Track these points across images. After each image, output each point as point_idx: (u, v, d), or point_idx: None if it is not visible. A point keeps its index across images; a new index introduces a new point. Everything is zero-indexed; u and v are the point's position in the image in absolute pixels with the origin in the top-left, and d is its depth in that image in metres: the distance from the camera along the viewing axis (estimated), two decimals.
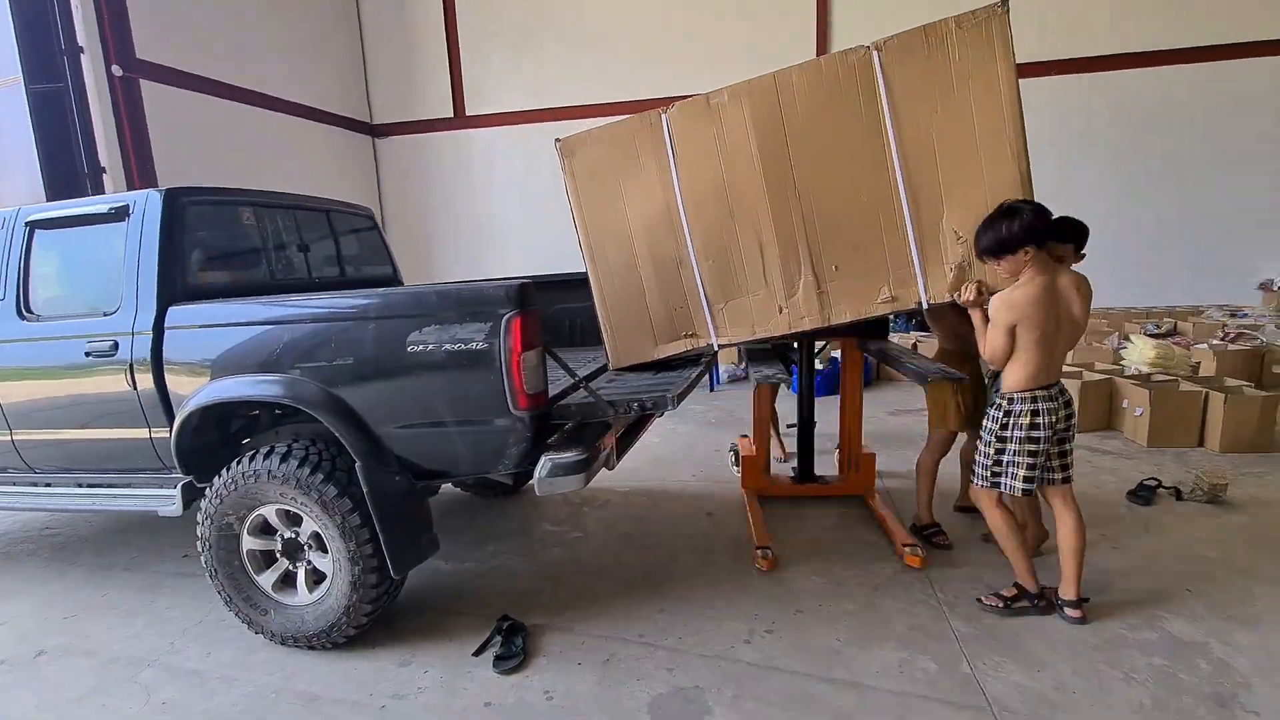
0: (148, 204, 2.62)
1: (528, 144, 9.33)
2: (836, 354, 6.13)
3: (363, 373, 2.30)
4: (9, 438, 2.81)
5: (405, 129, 9.91)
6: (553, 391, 2.42)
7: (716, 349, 2.90)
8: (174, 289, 2.59)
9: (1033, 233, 2.31)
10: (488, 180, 9.76)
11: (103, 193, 6.33)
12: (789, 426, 4.57)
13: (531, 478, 2.24)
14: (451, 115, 9.67)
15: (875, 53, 2.50)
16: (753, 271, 2.75)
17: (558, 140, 2.86)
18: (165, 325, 2.53)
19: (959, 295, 2.57)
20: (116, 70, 6.39)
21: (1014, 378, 2.46)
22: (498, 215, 9.80)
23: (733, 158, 2.68)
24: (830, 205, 2.62)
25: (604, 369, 3.01)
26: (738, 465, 4.05)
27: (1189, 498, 3.58)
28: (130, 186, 6.53)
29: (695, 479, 4.27)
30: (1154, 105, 7.91)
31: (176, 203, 2.66)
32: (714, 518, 3.63)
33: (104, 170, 6.40)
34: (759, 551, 3.02)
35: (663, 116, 2.72)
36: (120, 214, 2.65)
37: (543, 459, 2.24)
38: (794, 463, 3.97)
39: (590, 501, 3.90)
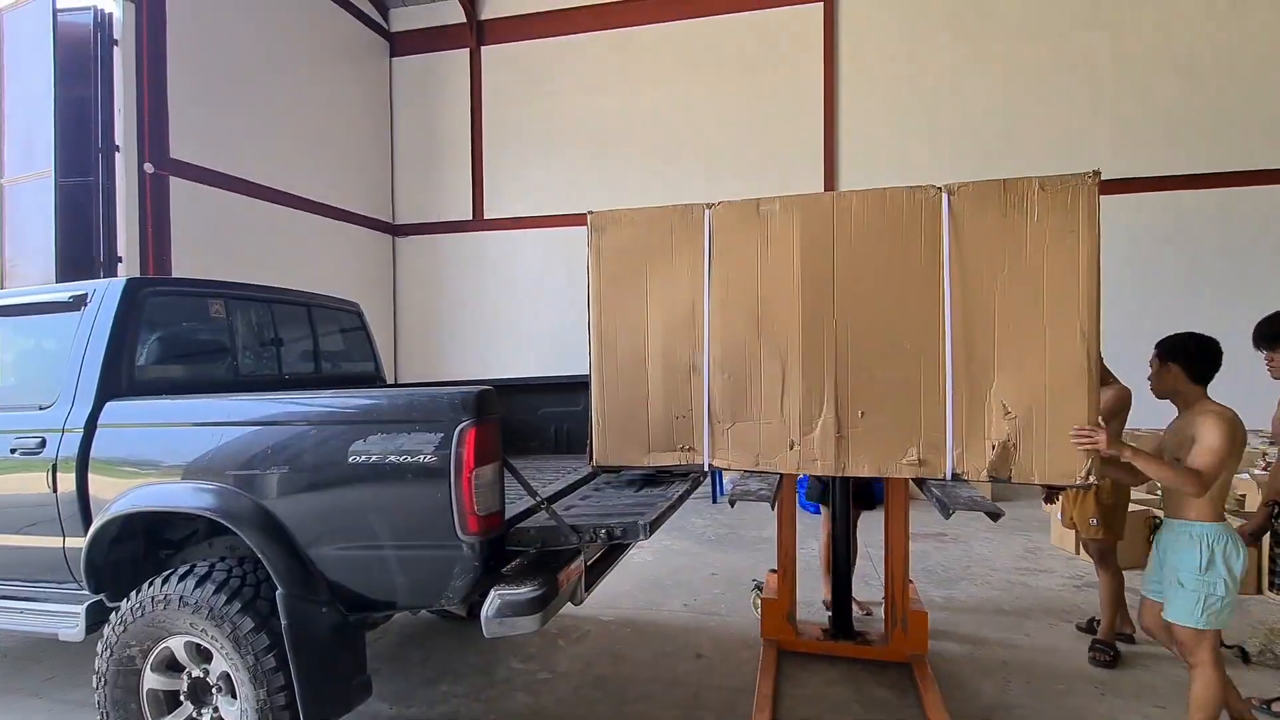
0: (106, 292, 2.48)
1: (542, 247, 9.55)
2: None
3: (298, 484, 2.03)
4: None
5: (426, 229, 10.22)
6: (515, 510, 2.13)
7: (708, 470, 2.62)
8: (118, 383, 2.40)
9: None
10: (502, 281, 9.90)
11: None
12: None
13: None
14: (470, 217, 9.97)
15: (946, 195, 2.36)
16: (769, 397, 2.53)
17: (590, 213, 2.73)
18: (98, 422, 2.31)
19: (1095, 470, 2.26)
20: (148, 168, 6.66)
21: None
22: (511, 315, 9.86)
23: (772, 271, 2.51)
24: (868, 345, 2.42)
25: (582, 481, 2.72)
26: (759, 605, 3.44)
27: (1259, 660, 3.07)
28: (144, 275, 6.62)
29: (687, 609, 3.82)
30: (1173, 226, 7.88)
31: (137, 293, 2.52)
32: (704, 661, 3.17)
33: (120, 259, 6.52)
34: None
35: (706, 212, 2.59)
36: (78, 302, 2.51)
37: (491, 594, 1.91)
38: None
39: (568, 632, 3.46)
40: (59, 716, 2.74)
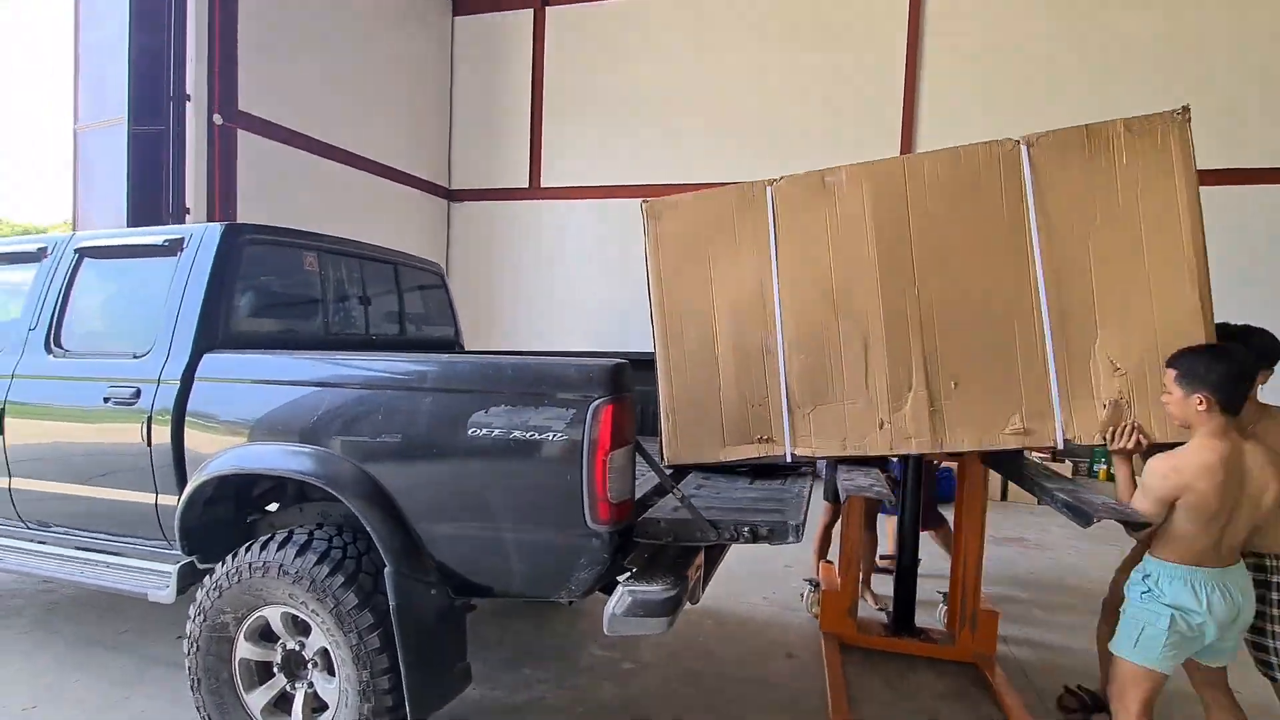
0: (204, 238, 2.35)
1: (599, 218, 9.29)
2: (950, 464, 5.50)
3: (410, 454, 1.88)
4: (6, 484, 2.46)
5: (481, 195, 10.06)
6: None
7: (790, 460, 2.43)
8: (214, 334, 2.27)
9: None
10: (556, 252, 9.70)
11: None
12: (883, 559, 3.90)
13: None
14: (527, 185, 9.77)
15: (1025, 147, 2.21)
16: (852, 375, 2.37)
17: (644, 202, 2.56)
18: (196, 375, 2.18)
19: (1111, 439, 2.12)
20: (218, 119, 6.59)
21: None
22: (563, 287, 9.68)
23: (844, 244, 2.37)
24: (955, 311, 2.28)
25: (679, 472, 2.52)
26: (816, 603, 3.35)
27: None
28: None
29: (767, 603, 3.63)
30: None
31: (236, 239, 2.38)
32: (796, 661, 2.98)
33: (188, 210, 6.49)
34: None
35: (768, 189, 2.44)
36: (174, 247, 2.38)
37: (620, 590, 1.73)
38: (887, 605, 3.31)
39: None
40: (136, 672, 2.69)
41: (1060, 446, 2.24)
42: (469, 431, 1.79)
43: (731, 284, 2.48)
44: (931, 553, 3.68)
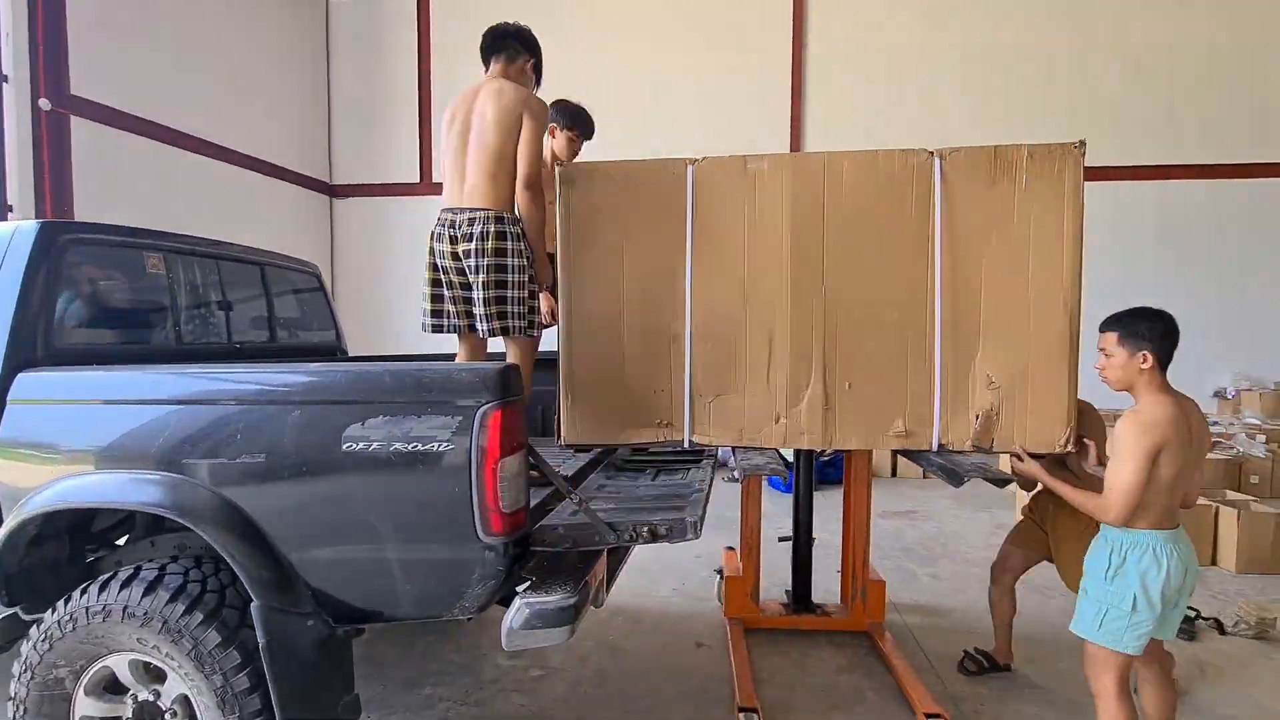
0: (13, 239, 2.02)
1: None
2: None
3: (276, 476, 1.70)
4: None
5: (366, 191, 9.49)
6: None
7: (688, 447, 2.46)
8: (33, 349, 1.96)
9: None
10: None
11: None
12: (780, 539, 4.04)
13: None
14: (418, 180, 9.32)
15: (938, 159, 2.29)
16: (755, 368, 2.40)
17: (560, 164, 2.50)
18: (8, 397, 1.87)
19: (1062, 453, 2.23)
20: (44, 104, 5.78)
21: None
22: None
23: (760, 234, 2.37)
24: (856, 314, 2.34)
25: (587, 469, 2.48)
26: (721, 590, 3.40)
27: (1233, 632, 3.20)
28: None
29: (678, 594, 3.66)
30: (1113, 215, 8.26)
31: (54, 239, 2.06)
32: (706, 650, 3.02)
33: (10, 209, 5.66)
34: (741, 716, 2.39)
35: (689, 168, 2.40)
36: None
37: (516, 602, 1.66)
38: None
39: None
40: None
41: (934, 450, 2.35)
42: (344, 446, 1.65)
43: (643, 264, 2.42)
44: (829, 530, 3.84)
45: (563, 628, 1.66)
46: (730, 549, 3.63)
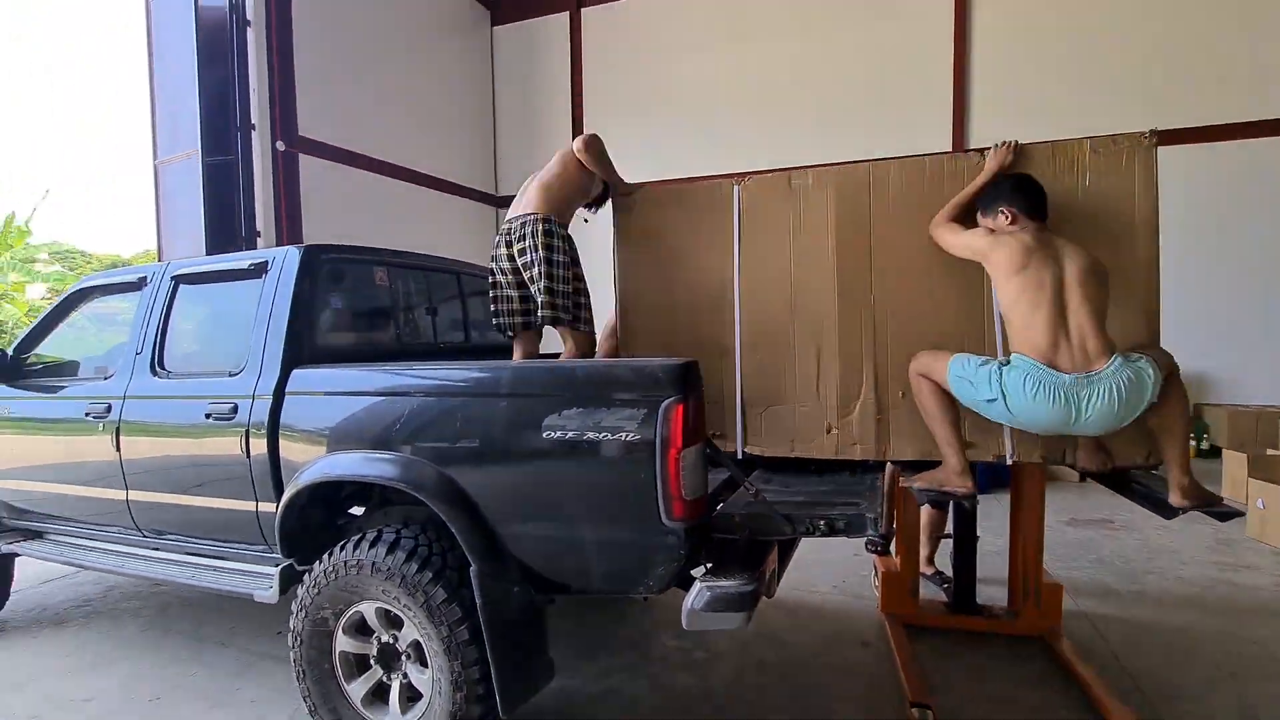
0: (285, 260, 2.50)
1: None
2: None
3: (489, 458, 1.96)
4: (124, 496, 2.69)
5: None
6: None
7: (740, 457, 2.50)
8: (300, 350, 2.41)
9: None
10: (601, 252, 9.80)
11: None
12: (942, 536, 3.81)
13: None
14: None
15: (982, 156, 2.26)
16: (804, 379, 2.45)
17: (614, 191, 2.71)
18: (286, 389, 2.33)
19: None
20: (280, 145, 6.95)
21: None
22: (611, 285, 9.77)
23: (805, 248, 2.45)
24: (908, 322, 2.34)
25: (750, 468, 2.54)
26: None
27: None
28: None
29: (837, 592, 3.60)
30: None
31: (314, 260, 2.53)
32: (872, 649, 2.95)
33: (258, 234, 6.87)
34: (915, 711, 2.31)
35: (735, 188, 2.53)
36: (259, 270, 2.54)
37: (697, 585, 1.77)
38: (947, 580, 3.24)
39: None
40: (245, 665, 2.89)
41: (1009, 462, 2.28)
42: (544, 434, 1.86)
43: (693, 282, 2.57)
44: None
45: (741, 612, 1.74)
46: (872, 544, 3.54)
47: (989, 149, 2.27)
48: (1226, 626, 3.06)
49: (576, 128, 9.80)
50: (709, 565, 1.85)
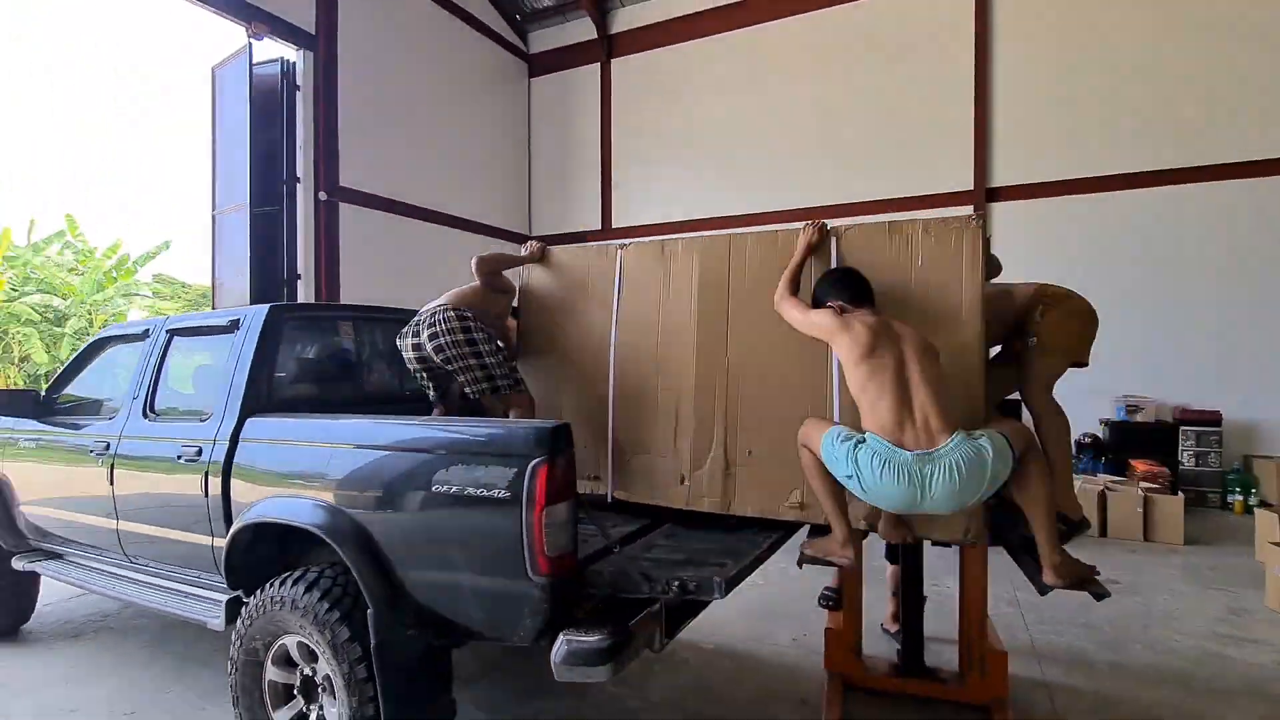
0: (253, 318, 2.79)
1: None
2: None
3: (391, 507, 2.14)
4: (115, 525, 3.01)
5: (558, 240, 10.64)
6: (590, 550, 2.08)
7: (609, 501, 2.70)
8: (258, 399, 2.68)
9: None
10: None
11: (295, 297, 7.35)
12: (821, 597, 3.71)
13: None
14: (599, 227, 10.23)
15: (834, 238, 2.41)
16: (664, 432, 2.64)
17: (526, 248, 3.03)
18: (241, 436, 2.59)
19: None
20: (322, 195, 7.57)
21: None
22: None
23: (671, 310, 2.66)
24: (757, 386, 2.50)
25: (659, 523, 2.60)
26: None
27: None
28: (318, 290, 7.52)
29: (795, 645, 3.56)
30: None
31: (278, 318, 2.81)
32: (808, 708, 2.92)
33: (299, 276, 7.47)
34: None
35: (619, 253, 2.80)
36: (233, 326, 2.84)
37: (560, 638, 1.87)
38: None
39: (666, 657, 3.36)
40: (218, 688, 3.12)
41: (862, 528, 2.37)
42: (433, 488, 2.02)
43: (582, 335, 2.83)
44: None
45: (602, 666, 1.82)
46: (824, 599, 3.52)
47: (831, 231, 2.41)
48: (1197, 708, 2.86)
49: (605, 170, 10.19)
50: (581, 619, 1.94)
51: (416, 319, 2.82)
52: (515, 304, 3.08)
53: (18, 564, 3.48)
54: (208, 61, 7.66)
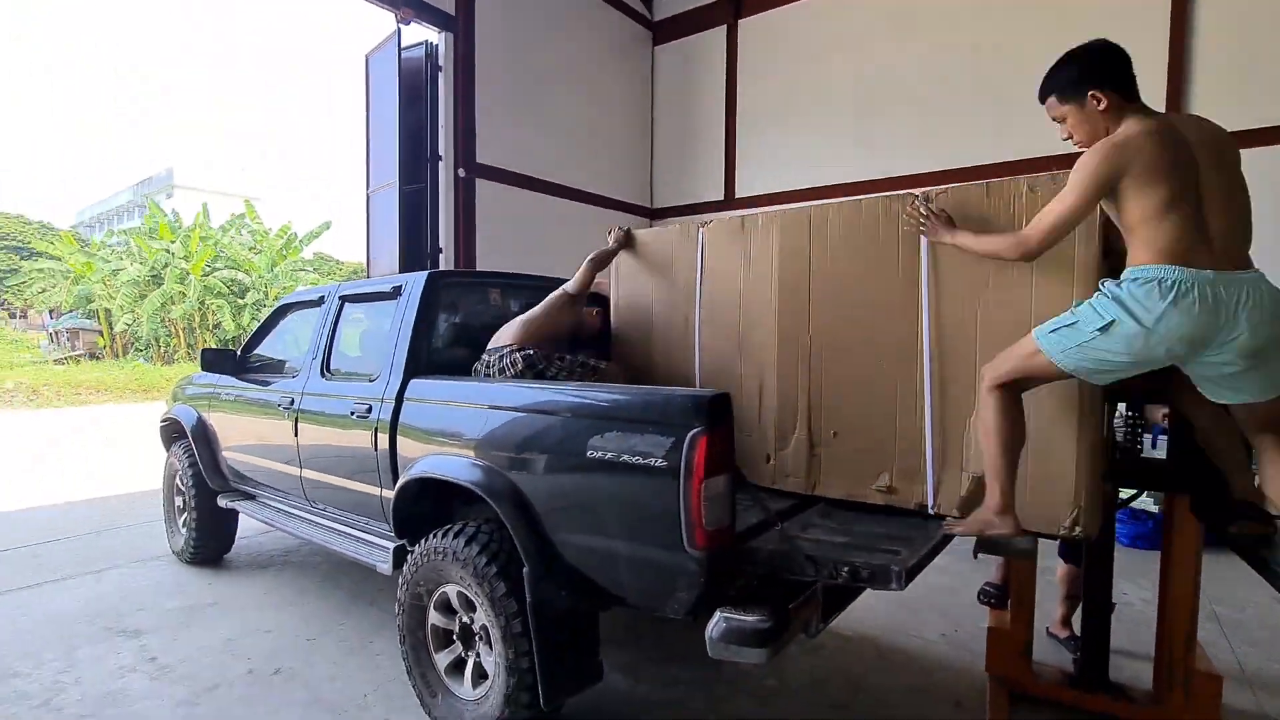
0: (414, 284, 2.94)
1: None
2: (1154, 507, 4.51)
3: (546, 470, 2.17)
4: (299, 473, 3.34)
5: (680, 211, 10.53)
6: (748, 524, 2.00)
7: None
8: (419, 362, 2.83)
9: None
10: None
11: (438, 267, 7.83)
12: (982, 593, 3.31)
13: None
14: (722, 198, 9.98)
15: (924, 202, 2.16)
16: (748, 410, 2.58)
17: (614, 232, 3.10)
18: (406, 395, 2.76)
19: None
20: (461, 172, 7.95)
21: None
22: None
23: (752, 287, 2.59)
24: (842, 363, 2.37)
25: (817, 500, 2.46)
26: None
27: None
28: (456, 263, 7.97)
29: (945, 640, 3.31)
30: None
31: (436, 283, 2.95)
32: (965, 713, 2.70)
33: (440, 251, 7.93)
34: None
35: (700, 231, 2.75)
36: (396, 292, 3.02)
37: (716, 615, 1.81)
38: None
39: (801, 641, 3.25)
40: (380, 624, 3.43)
41: (930, 511, 2.20)
42: (588, 453, 2.02)
43: (666, 316, 2.85)
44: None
45: (759, 649, 1.75)
46: (985, 595, 3.21)
47: (919, 195, 2.16)
48: None
49: (729, 138, 9.89)
50: (735, 596, 1.87)
51: (487, 356, 2.79)
52: (593, 292, 3.07)
53: (222, 502, 4.00)
54: (363, 49, 8.24)
